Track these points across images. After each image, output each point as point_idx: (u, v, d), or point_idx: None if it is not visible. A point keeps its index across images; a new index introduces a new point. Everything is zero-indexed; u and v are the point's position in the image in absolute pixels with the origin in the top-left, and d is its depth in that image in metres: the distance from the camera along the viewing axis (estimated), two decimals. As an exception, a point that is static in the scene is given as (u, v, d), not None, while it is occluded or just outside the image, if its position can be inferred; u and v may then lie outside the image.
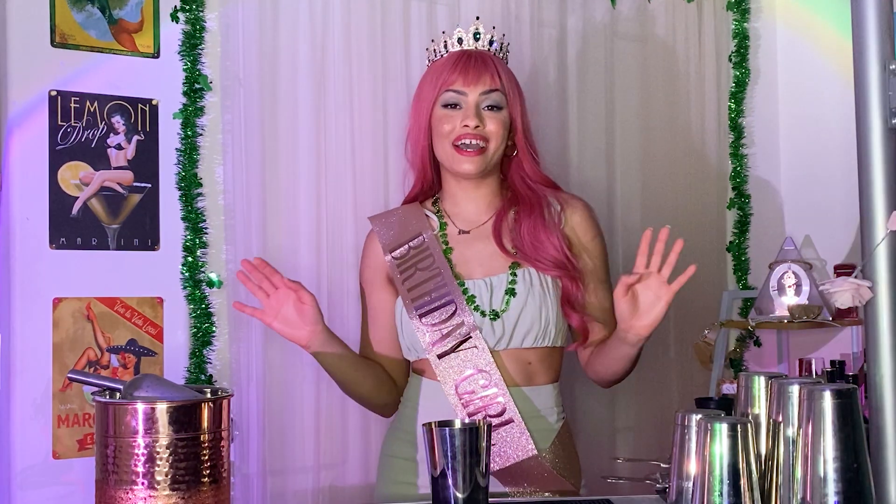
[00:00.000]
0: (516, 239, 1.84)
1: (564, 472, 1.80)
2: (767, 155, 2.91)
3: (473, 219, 1.90)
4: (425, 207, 1.94)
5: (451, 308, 1.79)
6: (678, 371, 2.70)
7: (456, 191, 1.90)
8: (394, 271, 1.86)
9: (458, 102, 1.82)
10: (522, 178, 1.89)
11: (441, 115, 1.83)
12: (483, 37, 1.88)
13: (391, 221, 1.93)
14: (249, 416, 2.15)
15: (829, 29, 2.75)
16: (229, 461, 1.38)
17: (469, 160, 1.81)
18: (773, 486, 1.30)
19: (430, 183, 1.95)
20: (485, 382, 1.77)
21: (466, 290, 1.81)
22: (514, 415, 1.76)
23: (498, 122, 1.83)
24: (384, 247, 1.90)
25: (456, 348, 1.78)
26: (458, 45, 1.88)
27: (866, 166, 1.34)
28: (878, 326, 1.33)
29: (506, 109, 1.84)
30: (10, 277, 1.99)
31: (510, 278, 1.81)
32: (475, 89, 1.82)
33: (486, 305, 1.80)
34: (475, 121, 1.80)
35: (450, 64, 1.84)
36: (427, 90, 1.87)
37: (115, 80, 2.11)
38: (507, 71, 1.88)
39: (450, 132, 1.82)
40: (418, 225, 1.89)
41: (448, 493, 1.36)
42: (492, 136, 1.82)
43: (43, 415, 2.01)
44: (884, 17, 1.34)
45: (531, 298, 1.78)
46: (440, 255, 1.84)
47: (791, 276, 2.56)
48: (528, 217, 1.84)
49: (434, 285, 1.81)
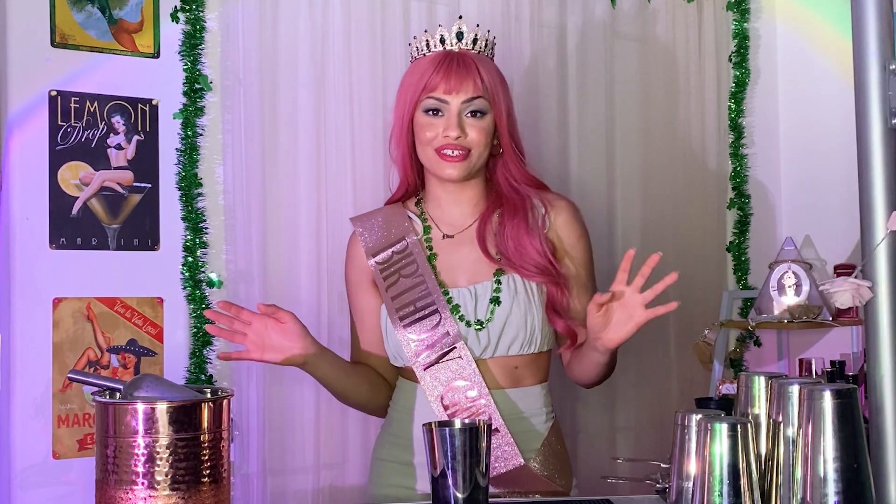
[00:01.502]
0: (500, 244, 1.81)
1: (554, 474, 1.80)
2: (767, 155, 2.91)
3: (458, 222, 1.87)
4: (408, 208, 1.91)
5: (435, 318, 1.77)
6: (678, 371, 2.70)
7: (440, 193, 1.87)
8: (377, 277, 1.84)
9: (440, 109, 1.79)
10: (507, 178, 1.86)
11: (423, 122, 1.80)
12: (466, 36, 1.83)
13: (374, 223, 1.90)
14: (249, 416, 2.15)
15: (829, 29, 2.75)
16: (229, 461, 1.38)
17: (452, 166, 1.78)
18: (773, 486, 1.30)
19: (413, 185, 1.91)
20: (470, 392, 1.76)
21: (451, 300, 1.79)
22: (499, 425, 1.75)
23: (480, 130, 1.79)
24: (367, 251, 1.87)
25: (440, 359, 1.77)
26: (440, 46, 1.83)
27: (866, 166, 1.34)
28: (878, 326, 1.33)
29: (489, 114, 1.80)
30: (10, 277, 1.99)
31: (494, 286, 1.79)
32: (457, 97, 1.77)
33: (470, 315, 1.78)
34: (457, 131, 1.76)
35: (432, 67, 1.79)
36: (409, 92, 1.82)
37: (115, 80, 2.11)
38: (490, 71, 1.82)
39: (432, 139, 1.78)
40: (402, 228, 1.86)
41: (448, 493, 1.36)
42: (473, 145, 1.78)
43: (43, 415, 2.01)
44: (884, 17, 1.34)
45: (516, 307, 1.76)
46: (424, 261, 1.82)
47: (791, 276, 2.56)
48: (511, 220, 1.81)
49: (419, 294, 1.79)
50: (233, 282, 2.18)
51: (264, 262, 2.20)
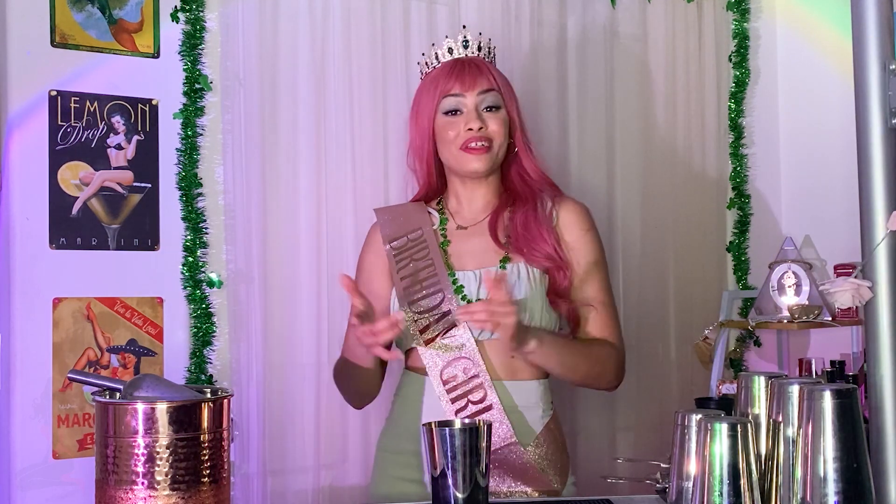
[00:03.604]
0: (510, 232, 1.89)
1: (550, 469, 1.81)
2: (767, 155, 2.91)
3: (473, 216, 1.94)
4: (429, 206, 1.99)
5: (439, 296, 1.83)
6: (678, 371, 2.70)
7: (460, 190, 1.95)
8: (391, 261, 1.91)
9: (458, 107, 1.87)
10: (521, 175, 1.94)
11: (444, 123, 1.88)
12: (472, 44, 1.93)
13: (395, 214, 1.98)
14: (249, 416, 2.15)
15: (829, 29, 2.75)
16: (229, 461, 1.38)
17: (477, 158, 1.86)
18: (773, 486, 1.29)
19: (436, 188, 1.99)
20: (468, 367, 1.80)
21: (456, 281, 1.86)
22: (494, 402, 1.79)
23: (499, 121, 1.88)
24: (385, 237, 1.94)
25: (442, 336, 1.82)
26: (449, 55, 1.93)
27: (866, 166, 1.34)
28: (878, 326, 1.33)
29: (503, 108, 1.90)
30: (10, 277, 1.99)
31: (499, 270, 1.85)
32: (473, 92, 1.87)
33: (473, 295, 1.83)
34: (478, 123, 1.85)
35: (445, 72, 1.89)
36: (426, 101, 1.91)
37: (115, 80, 2.11)
38: (499, 72, 1.94)
39: (455, 137, 1.87)
40: (420, 220, 1.94)
41: (448, 493, 1.36)
42: (495, 136, 1.87)
43: (43, 415, 2.01)
44: (884, 17, 1.34)
45: (517, 290, 1.82)
46: (436, 247, 1.89)
47: (791, 276, 2.56)
48: (521, 210, 1.89)
49: (426, 275, 1.86)
50: (233, 282, 2.18)
51: (264, 262, 2.20)
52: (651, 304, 2.67)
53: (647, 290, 2.66)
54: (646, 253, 2.67)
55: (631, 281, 2.62)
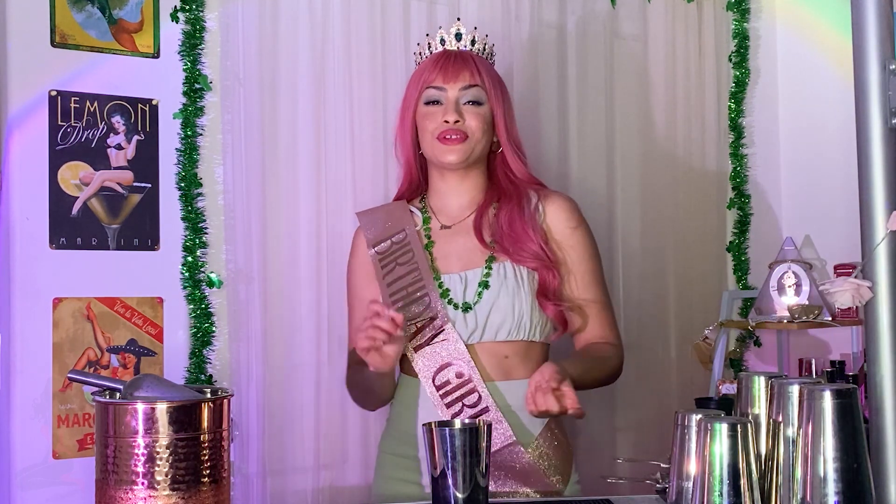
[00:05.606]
0: (496, 231, 1.87)
1: (552, 469, 1.80)
2: (767, 155, 2.91)
3: (457, 214, 1.92)
4: (412, 204, 1.97)
5: (425, 301, 1.82)
6: (678, 371, 2.70)
7: (441, 186, 1.93)
8: (376, 266, 1.90)
9: (439, 99, 1.87)
10: (506, 173, 1.93)
11: (424, 113, 1.88)
12: (465, 37, 1.93)
13: (377, 217, 1.96)
14: (249, 416, 2.15)
15: (829, 29, 2.75)
16: (229, 461, 1.38)
17: (451, 149, 1.85)
18: (773, 486, 1.29)
19: (417, 182, 1.98)
20: (460, 372, 1.79)
21: (441, 284, 1.84)
22: (489, 404, 1.77)
23: (478, 117, 1.86)
24: (368, 241, 1.93)
25: (430, 341, 1.81)
26: (440, 46, 1.93)
27: (866, 166, 1.34)
28: (878, 326, 1.33)
29: (486, 105, 1.88)
30: (10, 277, 1.99)
31: (485, 272, 1.84)
32: (454, 85, 1.86)
33: (459, 298, 1.82)
34: (454, 115, 1.84)
35: (430, 64, 1.90)
36: (410, 91, 1.92)
37: (115, 80, 2.11)
38: (489, 70, 1.92)
39: (432, 128, 1.86)
40: (403, 220, 1.93)
41: (448, 493, 1.36)
42: (472, 131, 1.86)
43: (43, 415, 2.01)
44: (884, 17, 1.34)
45: (504, 291, 1.80)
46: (420, 249, 1.88)
47: (791, 276, 2.56)
48: (506, 208, 1.88)
49: (411, 279, 1.85)
50: (233, 282, 2.17)
51: (264, 262, 2.20)
52: (651, 304, 2.67)
53: (647, 289, 2.66)
54: (646, 253, 2.67)
55: (631, 281, 2.62)
